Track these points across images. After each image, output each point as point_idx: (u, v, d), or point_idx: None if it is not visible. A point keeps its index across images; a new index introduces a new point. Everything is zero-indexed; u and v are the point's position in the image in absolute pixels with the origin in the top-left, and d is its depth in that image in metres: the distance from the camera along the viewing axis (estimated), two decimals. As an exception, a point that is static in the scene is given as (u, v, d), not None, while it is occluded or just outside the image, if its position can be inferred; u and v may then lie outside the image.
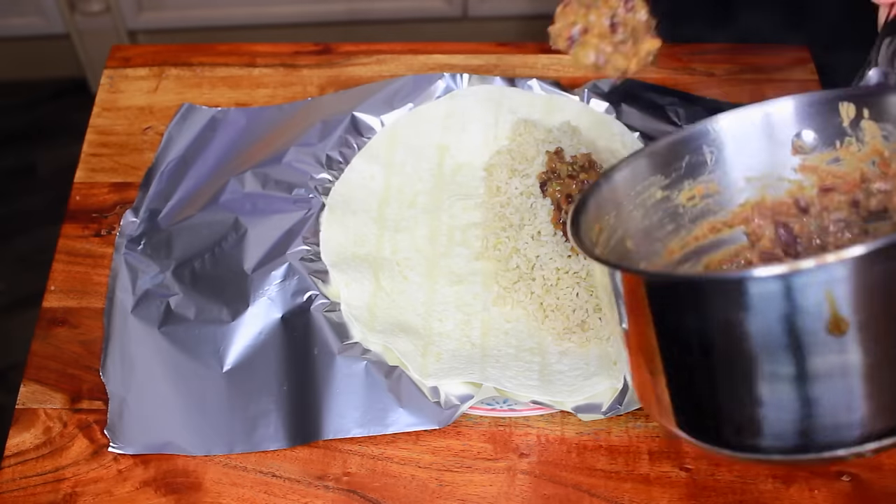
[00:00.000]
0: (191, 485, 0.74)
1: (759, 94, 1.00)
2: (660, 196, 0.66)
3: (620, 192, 0.64)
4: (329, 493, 0.73)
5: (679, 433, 0.55)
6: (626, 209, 0.64)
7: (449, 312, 0.83)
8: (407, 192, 0.92)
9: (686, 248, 0.68)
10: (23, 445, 0.76)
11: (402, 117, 0.95)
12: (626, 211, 0.64)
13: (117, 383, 0.78)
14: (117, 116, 0.99)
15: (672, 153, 0.65)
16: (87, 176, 0.94)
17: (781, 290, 0.47)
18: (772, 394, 0.50)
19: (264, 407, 0.77)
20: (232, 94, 1.01)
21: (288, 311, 0.81)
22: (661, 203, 0.66)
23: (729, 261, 0.68)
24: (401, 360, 0.78)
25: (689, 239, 0.68)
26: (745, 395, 0.51)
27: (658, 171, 0.66)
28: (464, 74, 0.98)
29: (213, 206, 0.88)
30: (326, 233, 0.86)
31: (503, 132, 0.95)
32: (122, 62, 1.04)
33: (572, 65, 0.74)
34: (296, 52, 1.05)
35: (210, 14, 2.00)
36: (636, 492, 0.73)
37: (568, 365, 0.79)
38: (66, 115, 2.04)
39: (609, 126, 0.94)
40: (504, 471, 0.74)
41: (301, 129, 0.94)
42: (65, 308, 0.84)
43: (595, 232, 0.62)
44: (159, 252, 0.86)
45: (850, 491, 0.73)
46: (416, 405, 0.75)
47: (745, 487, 0.73)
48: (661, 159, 0.65)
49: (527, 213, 0.86)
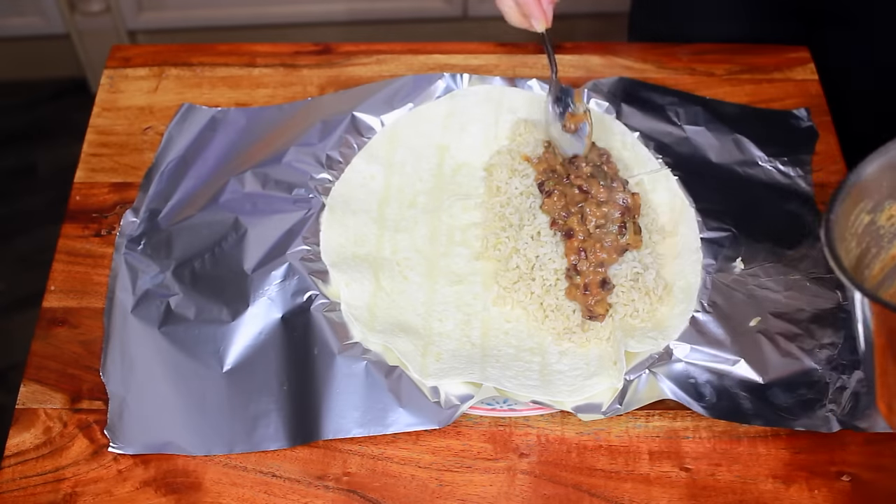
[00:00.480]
0: (191, 485, 0.74)
1: (759, 93, 1.00)
2: (867, 221, 0.66)
3: (843, 224, 0.64)
4: (329, 493, 0.73)
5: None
6: (848, 241, 0.64)
7: (449, 312, 0.83)
8: (407, 192, 0.92)
9: (885, 269, 0.68)
10: (23, 445, 0.76)
11: (403, 117, 0.95)
12: (848, 243, 0.65)
13: (117, 383, 0.78)
14: (117, 116, 0.99)
15: (875, 177, 0.65)
16: (87, 176, 0.94)
17: None
18: None
19: (264, 407, 0.77)
20: (232, 94, 1.01)
21: (288, 311, 0.81)
22: (868, 227, 0.66)
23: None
24: (401, 360, 0.78)
25: (887, 259, 0.68)
26: None
27: (864, 196, 0.65)
28: (464, 74, 0.98)
29: (213, 206, 0.88)
30: (326, 233, 0.86)
31: (503, 132, 0.95)
32: (122, 62, 1.04)
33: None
34: (296, 52, 1.05)
35: (210, 14, 2.00)
36: (636, 492, 0.73)
37: (568, 365, 0.79)
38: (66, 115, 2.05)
39: (609, 126, 0.94)
40: (504, 471, 0.74)
41: (301, 129, 0.94)
42: (65, 308, 0.84)
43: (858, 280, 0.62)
44: (159, 252, 0.86)
45: (850, 491, 0.73)
46: (416, 405, 0.75)
47: (745, 487, 0.73)
48: (868, 185, 0.65)
49: (527, 214, 0.86)
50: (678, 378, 0.76)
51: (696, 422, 0.77)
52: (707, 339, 0.78)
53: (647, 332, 0.79)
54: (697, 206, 0.87)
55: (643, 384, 0.76)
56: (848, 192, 0.62)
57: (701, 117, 0.95)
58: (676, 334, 0.78)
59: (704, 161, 0.92)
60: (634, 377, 0.76)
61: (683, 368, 0.77)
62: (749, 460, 0.75)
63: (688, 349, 0.77)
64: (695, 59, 1.04)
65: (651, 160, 0.91)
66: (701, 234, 0.85)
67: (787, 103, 0.99)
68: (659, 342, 0.78)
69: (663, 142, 0.93)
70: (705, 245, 0.84)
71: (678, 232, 0.86)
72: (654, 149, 0.92)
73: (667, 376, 0.76)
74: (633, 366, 0.77)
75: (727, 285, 0.82)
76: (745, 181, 0.91)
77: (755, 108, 0.99)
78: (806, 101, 0.99)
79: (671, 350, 0.77)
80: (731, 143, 0.93)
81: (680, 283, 0.82)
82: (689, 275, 0.82)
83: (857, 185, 0.63)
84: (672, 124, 0.95)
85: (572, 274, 0.81)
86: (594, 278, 0.80)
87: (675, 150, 0.92)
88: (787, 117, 0.97)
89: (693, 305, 0.80)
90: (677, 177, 0.89)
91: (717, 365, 0.77)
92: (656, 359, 0.77)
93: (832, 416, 0.75)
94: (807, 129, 0.96)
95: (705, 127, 0.94)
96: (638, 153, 0.92)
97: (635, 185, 0.89)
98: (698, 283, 0.81)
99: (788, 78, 1.02)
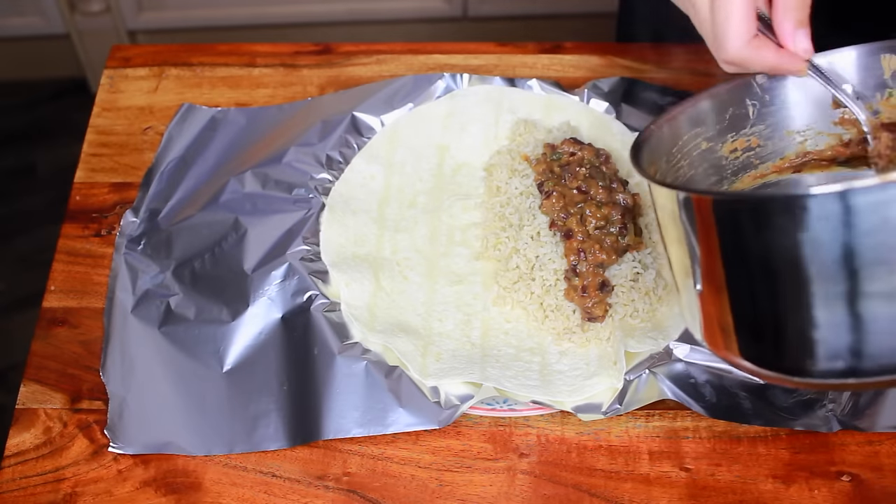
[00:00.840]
0: (191, 485, 0.74)
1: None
2: (704, 147, 0.66)
3: (668, 141, 0.64)
4: (329, 493, 0.73)
5: (741, 361, 0.55)
6: (674, 157, 0.64)
7: (449, 312, 0.83)
8: (407, 192, 0.92)
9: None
10: (23, 445, 0.76)
11: (403, 117, 0.95)
12: (675, 159, 0.64)
13: (117, 383, 0.78)
14: (117, 116, 0.99)
15: (716, 106, 0.65)
16: (87, 176, 0.94)
17: (842, 209, 0.47)
18: (830, 315, 0.50)
19: (264, 407, 0.77)
20: (232, 94, 1.01)
21: (288, 311, 0.81)
22: (706, 154, 0.66)
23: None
24: (401, 360, 0.78)
25: (732, 189, 0.68)
26: (805, 316, 0.51)
27: (703, 122, 0.65)
28: (464, 74, 0.98)
29: (213, 206, 0.88)
30: (326, 233, 0.86)
31: (503, 132, 0.95)
32: (122, 62, 1.04)
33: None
34: (296, 52, 1.05)
35: (210, 14, 2.00)
36: (636, 492, 0.73)
37: (568, 365, 0.79)
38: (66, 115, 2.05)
39: (609, 126, 0.94)
40: (504, 471, 0.74)
41: (301, 129, 0.94)
42: (65, 308, 0.84)
43: (651, 173, 0.62)
44: (159, 252, 0.86)
45: (850, 491, 0.73)
46: (416, 405, 0.75)
47: (745, 487, 0.73)
48: (705, 112, 0.65)
49: (526, 214, 0.86)
50: (678, 378, 0.76)
51: (696, 422, 0.77)
52: (707, 339, 0.78)
53: (647, 332, 0.79)
54: (697, 206, 0.87)
55: (643, 384, 0.76)
56: (677, 114, 0.63)
57: (701, 117, 0.95)
58: (676, 334, 0.78)
59: (704, 161, 0.92)
60: (634, 377, 0.76)
61: (683, 368, 0.77)
62: (749, 460, 0.75)
63: (688, 349, 0.77)
64: (695, 59, 1.04)
65: (651, 160, 0.91)
66: (701, 234, 0.85)
67: (787, 103, 0.99)
68: (659, 342, 0.78)
69: (663, 142, 0.93)
70: (705, 245, 0.84)
71: (678, 232, 0.86)
72: (654, 149, 0.92)
73: (667, 376, 0.76)
74: (633, 366, 0.77)
75: (727, 285, 0.82)
76: (745, 181, 0.91)
77: (755, 108, 0.99)
78: (806, 101, 0.99)
79: (671, 350, 0.77)
80: (731, 143, 0.93)
81: (680, 283, 0.82)
82: (689, 275, 0.82)
83: (688, 110, 0.64)
84: (672, 124, 0.95)
85: (570, 275, 0.81)
86: (593, 280, 0.80)
87: (675, 150, 0.92)
88: (787, 117, 0.97)
89: (693, 305, 0.80)
90: (677, 177, 0.89)
91: (717, 365, 0.77)
92: (656, 359, 0.77)
93: (832, 416, 0.75)
94: (807, 129, 0.96)
95: (705, 127, 0.94)
96: (638, 153, 0.92)
97: (635, 186, 0.89)
98: (698, 283, 0.81)
99: (788, 78, 1.02)
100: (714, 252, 0.53)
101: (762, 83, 0.65)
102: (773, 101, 0.66)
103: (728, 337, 0.56)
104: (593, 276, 0.80)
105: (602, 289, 0.80)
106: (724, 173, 0.67)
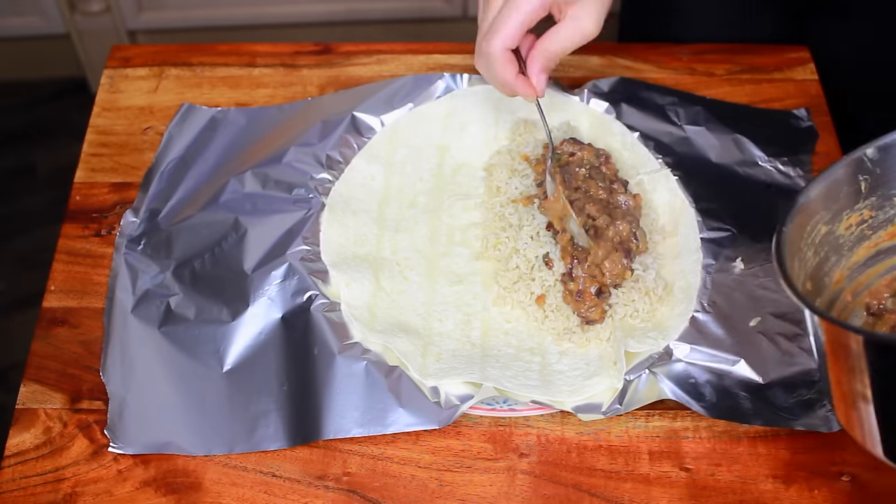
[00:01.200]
0: (191, 485, 0.74)
1: (759, 93, 1.00)
2: (824, 231, 0.67)
3: (795, 239, 0.65)
4: (329, 493, 0.73)
5: (884, 459, 0.60)
6: (802, 252, 0.66)
7: (449, 312, 0.83)
8: (407, 192, 0.92)
9: (844, 276, 0.70)
10: (23, 445, 0.76)
11: (403, 117, 0.95)
12: (803, 253, 0.66)
13: (117, 383, 0.78)
14: (117, 116, 0.99)
15: (830, 189, 0.67)
16: (87, 176, 0.94)
17: None
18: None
19: (264, 407, 0.77)
20: (232, 94, 1.01)
21: (288, 311, 0.81)
22: (826, 237, 0.68)
23: (893, 277, 0.70)
24: (401, 360, 0.78)
25: (849, 264, 0.70)
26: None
27: (820, 208, 0.67)
28: (464, 74, 0.98)
29: (213, 206, 0.88)
30: (326, 233, 0.86)
31: (503, 132, 0.95)
32: (122, 62, 1.04)
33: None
34: (296, 52, 1.05)
35: (210, 14, 2.00)
36: (636, 492, 0.73)
37: (568, 365, 0.79)
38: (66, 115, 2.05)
39: (609, 126, 0.94)
40: (504, 471, 0.74)
41: (301, 129, 0.94)
42: (65, 308, 0.84)
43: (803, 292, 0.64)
44: (159, 252, 0.86)
45: (850, 491, 0.73)
46: (416, 405, 0.75)
47: (745, 487, 0.73)
48: (821, 197, 0.66)
49: (526, 214, 0.86)
50: (678, 378, 0.76)
51: (696, 422, 0.77)
52: (707, 339, 0.78)
53: (647, 332, 0.79)
54: (697, 206, 0.87)
55: (643, 384, 0.76)
56: (799, 209, 0.64)
57: (701, 117, 0.95)
58: (676, 334, 0.78)
59: (704, 161, 0.92)
60: (634, 377, 0.76)
61: (683, 368, 0.77)
62: (749, 460, 0.75)
63: (688, 349, 0.77)
64: (695, 59, 1.04)
65: (651, 160, 0.91)
66: (701, 234, 0.85)
67: (787, 103, 0.99)
68: (659, 342, 0.78)
69: (663, 142, 0.93)
70: (705, 245, 0.84)
71: (678, 232, 0.86)
72: (653, 149, 0.92)
73: (667, 376, 0.76)
74: (633, 366, 0.77)
75: (727, 285, 0.82)
76: (745, 181, 0.91)
77: (755, 108, 0.99)
78: (806, 101, 0.99)
79: (671, 350, 0.77)
80: (731, 143, 0.93)
81: (680, 283, 0.82)
82: (689, 275, 0.82)
83: (808, 202, 0.65)
84: (672, 124, 0.95)
85: (567, 279, 0.81)
86: (588, 285, 0.80)
87: (675, 150, 0.92)
88: (787, 117, 0.97)
89: (693, 305, 0.80)
90: (677, 177, 0.89)
91: (717, 365, 0.77)
92: (656, 359, 0.77)
93: (832, 415, 0.75)
94: (807, 129, 0.96)
95: (705, 127, 0.94)
96: (638, 153, 0.92)
97: (635, 186, 0.89)
98: (698, 283, 0.81)
99: (788, 78, 1.02)
100: (864, 374, 0.56)
101: (872, 157, 0.66)
102: (881, 173, 0.67)
103: (872, 437, 0.59)
104: (590, 282, 0.80)
105: (599, 294, 0.80)
106: (841, 251, 0.69)
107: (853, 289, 0.70)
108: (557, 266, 0.83)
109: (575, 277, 0.80)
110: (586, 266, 0.80)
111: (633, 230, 0.82)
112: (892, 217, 0.69)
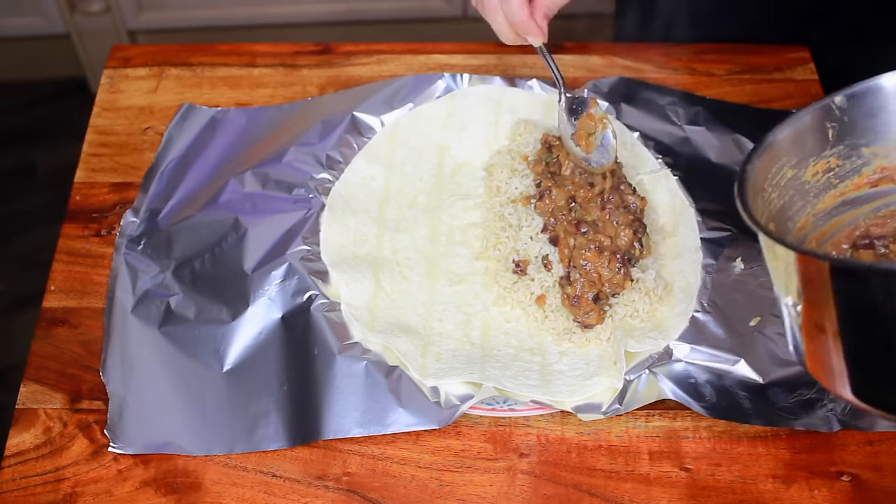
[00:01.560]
0: (191, 485, 0.74)
1: (759, 93, 1.00)
2: (790, 175, 0.67)
3: (761, 178, 0.65)
4: (329, 493, 0.73)
5: (852, 398, 0.58)
6: (766, 192, 0.66)
7: (449, 312, 0.83)
8: (407, 192, 0.92)
9: (809, 222, 0.70)
10: (23, 445, 0.76)
11: (403, 117, 0.95)
12: (767, 193, 0.66)
13: (117, 383, 0.78)
14: (117, 116, 0.99)
15: (797, 134, 0.67)
16: (87, 176, 0.94)
17: None
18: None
19: (264, 407, 0.77)
20: (232, 94, 1.01)
21: (288, 311, 0.81)
22: (791, 181, 0.68)
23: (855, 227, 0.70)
24: (401, 360, 0.78)
25: (815, 211, 0.70)
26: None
27: (787, 152, 0.67)
28: (464, 74, 0.98)
29: (213, 206, 0.88)
30: (326, 233, 0.86)
31: (503, 132, 0.95)
32: (122, 62, 1.04)
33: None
34: (296, 52, 1.05)
35: (210, 14, 2.00)
36: (636, 492, 0.73)
37: (568, 365, 0.79)
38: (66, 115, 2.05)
39: (609, 126, 0.94)
40: (504, 471, 0.74)
41: (301, 129, 0.94)
42: (65, 308, 0.84)
43: (764, 223, 0.64)
44: (159, 252, 0.86)
45: (850, 491, 0.73)
46: (416, 405, 0.75)
47: (745, 487, 0.73)
48: (788, 141, 0.67)
49: (526, 214, 0.86)
50: (678, 378, 0.76)
51: (696, 422, 0.77)
52: (707, 339, 0.78)
53: (647, 332, 0.79)
54: (697, 206, 0.87)
55: (643, 384, 0.76)
56: (765, 149, 0.64)
57: (701, 117, 0.95)
58: (676, 334, 0.78)
59: (704, 161, 0.92)
60: (634, 377, 0.76)
61: (683, 368, 0.77)
62: (749, 460, 0.75)
63: (688, 349, 0.77)
64: (695, 59, 1.04)
65: (651, 160, 0.91)
66: (701, 234, 0.85)
67: (787, 103, 0.99)
68: (659, 342, 0.78)
69: (663, 142, 0.93)
70: (705, 245, 0.84)
71: (678, 232, 0.86)
72: (654, 149, 0.92)
73: (667, 376, 0.76)
74: (633, 366, 0.77)
75: (727, 285, 0.82)
76: (745, 181, 0.91)
77: (755, 108, 0.99)
78: (806, 101, 0.99)
79: (671, 350, 0.77)
80: (731, 143, 0.93)
81: (680, 283, 0.82)
82: (689, 275, 0.82)
83: (774, 143, 0.65)
84: (672, 124, 0.95)
85: (564, 283, 0.81)
86: (585, 291, 0.80)
87: (675, 150, 0.92)
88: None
89: (693, 305, 0.80)
90: (677, 177, 0.89)
91: (717, 365, 0.77)
92: (656, 359, 0.77)
93: (832, 415, 0.75)
94: (807, 129, 0.96)
95: (705, 127, 0.94)
96: (638, 153, 0.92)
97: (635, 186, 0.89)
98: (698, 283, 0.81)
99: (788, 78, 1.02)
100: (829, 306, 0.55)
101: (841, 105, 0.66)
102: (849, 122, 0.67)
103: (840, 377, 0.58)
104: (588, 287, 0.80)
105: (596, 301, 0.80)
106: (807, 197, 0.69)
107: (818, 236, 0.70)
108: (556, 269, 0.83)
109: (573, 281, 0.80)
110: (585, 270, 0.80)
111: (639, 235, 0.82)
112: (858, 168, 0.69)
